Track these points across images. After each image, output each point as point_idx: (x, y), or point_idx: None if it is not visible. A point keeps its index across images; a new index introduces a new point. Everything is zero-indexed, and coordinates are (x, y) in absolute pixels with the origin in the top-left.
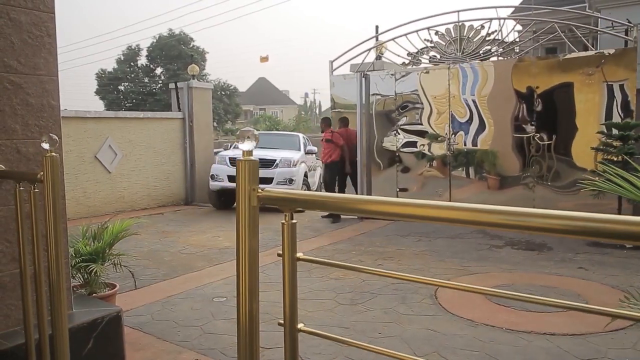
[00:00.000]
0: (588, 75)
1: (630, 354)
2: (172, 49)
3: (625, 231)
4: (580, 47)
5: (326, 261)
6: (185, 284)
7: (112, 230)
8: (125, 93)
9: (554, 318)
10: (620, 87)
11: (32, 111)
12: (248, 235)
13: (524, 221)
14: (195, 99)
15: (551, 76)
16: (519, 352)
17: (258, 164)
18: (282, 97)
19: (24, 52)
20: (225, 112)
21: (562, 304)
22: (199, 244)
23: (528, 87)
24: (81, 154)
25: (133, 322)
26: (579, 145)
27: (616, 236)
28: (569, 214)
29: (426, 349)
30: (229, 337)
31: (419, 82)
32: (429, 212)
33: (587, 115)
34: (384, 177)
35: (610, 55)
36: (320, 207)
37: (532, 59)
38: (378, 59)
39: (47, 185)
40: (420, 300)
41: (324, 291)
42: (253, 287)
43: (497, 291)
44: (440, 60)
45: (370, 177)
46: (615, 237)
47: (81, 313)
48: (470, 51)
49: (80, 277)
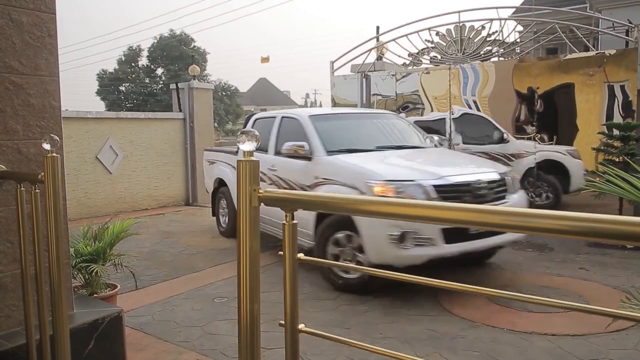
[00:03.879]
0: (589, 76)
1: (632, 355)
2: (173, 50)
3: (626, 232)
4: (581, 47)
5: (327, 262)
6: (186, 285)
7: (112, 230)
8: (126, 94)
9: (555, 319)
10: (621, 88)
11: (33, 112)
12: (249, 236)
13: (525, 222)
14: (196, 99)
15: (552, 77)
16: (520, 353)
17: (258, 164)
18: (283, 97)
19: (25, 52)
20: (226, 112)
21: (564, 305)
22: (200, 244)
23: (529, 87)
24: (82, 154)
25: (134, 323)
26: (579, 146)
27: (617, 237)
28: (570, 214)
29: (428, 350)
30: (230, 337)
31: (420, 82)
32: (429, 212)
33: (587, 116)
34: None
35: (611, 56)
36: (321, 208)
37: (533, 60)
38: (379, 59)
39: (48, 185)
40: (422, 301)
41: (324, 291)
42: (254, 288)
43: (498, 292)
44: (441, 60)
45: None
46: (616, 237)
47: (82, 313)
48: (471, 52)
49: (81, 277)
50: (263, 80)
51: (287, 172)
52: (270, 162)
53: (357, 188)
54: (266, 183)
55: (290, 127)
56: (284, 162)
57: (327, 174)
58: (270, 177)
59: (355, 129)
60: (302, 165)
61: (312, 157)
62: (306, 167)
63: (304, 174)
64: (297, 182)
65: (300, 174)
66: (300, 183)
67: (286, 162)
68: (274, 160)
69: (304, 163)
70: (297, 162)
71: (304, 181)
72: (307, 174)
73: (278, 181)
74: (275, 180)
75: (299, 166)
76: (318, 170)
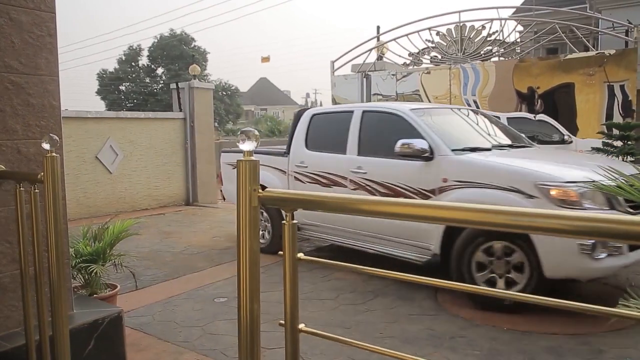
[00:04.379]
0: (589, 76)
1: (632, 354)
2: (173, 49)
3: (626, 231)
4: (581, 47)
5: (327, 261)
6: (187, 285)
7: (112, 230)
8: (126, 93)
9: (555, 318)
10: (621, 88)
11: (33, 111)
12: (249, 236)
13: (526, 221)
14: (197, 99)
15: (552, 76)
16: (521, 352)
17: (258, 164)
18: (283, 97)
19: (24, 52)
20: (226, 112)
21: (563, 304)
22: (200, 244)
23: (529, 87)
24: (82, 154)
25: (134, 323)
26: (579, 145)
27: (618, 236)
28: (571, 214)
29: (428, 349)
30: (230, 337)
31: (420, 82)
32: (429, 212)
33: (587, 116)
34: None
35: (611, 56)
36: (321, 208)
37: (533, 60)
38: (379, 59)
39: (48, 185)
40: (422, 300)
41: (325, 291)
42: (254, 288)
43: (497, 291)
44: (442, 60)
45: None
46: (616, 237)
47: (82, 314)
48: (472, 51)
49: (80, 277)
50: (263, 79)
51: (389, 175)
52: (354, 163)
53: (520, 191)
54: (347, 188)
55: (382, 123)
56: (382, 163)
57: (462, 175)
58: (356, 180)
59: (458, 125)
60: (417, 166)
61: (433, 157)
62: (425, 168)
63: (422, 176)
64: (410, 186)
65: (415, 177)
66: (415, 187)
67: (386, 163)
68: (360, 161)
69: (419, 164)
70: (407, 163)
71: (422, 185)
72: (428, 177)
73: (369, 185)
74: (365, 184)
75: (411, 168)
76: (446, 171)
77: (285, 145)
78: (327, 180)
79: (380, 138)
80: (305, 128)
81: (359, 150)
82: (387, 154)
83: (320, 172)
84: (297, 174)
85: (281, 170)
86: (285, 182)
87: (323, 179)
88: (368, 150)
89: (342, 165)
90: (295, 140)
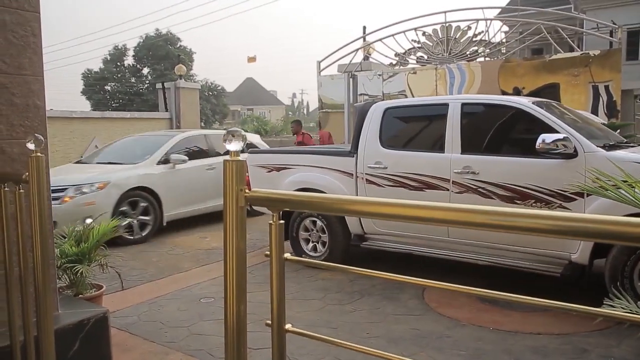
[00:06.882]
0: (574, 76)
1: (615, 353)
2: (159, 49)
3: (606, 231)
4: (566, 48)
5: (314, 261)
6: (173, 285)
7: (98, 230)
8: (111, 93)
9: (540, 317)
10: (606, 88)
11: (17, 111)
12: (236, 236)
13: (509, 221)
14: (183, 99)
15: (537, 77)
16: (506, 352)
17: (244, 164)
18: (269, 97)
19: (8, 52)
20: (212, 112)
21: (548, 304)
22: (186, 244)
23: (515, 87)
24: (67, 154)
25: (120, 323)
26: None
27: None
28: (560, 214)
29: (414, 349)
30: (217, 337)
31: (407, 82)
32: (417, 212)
33: None
34: None
35: (596, 57)
36: (308, 208)
37: (519, 60)
38: (366, 59)
39: (33, 186)
40: (408, 300)
41: (311, 291)
42: (241, 288)
43: (483, 291)
44: (428, 60)
45: None
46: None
47: (67, 314)
48: (457, 52)
49: (66, 278)
50: (250, 80)
51: (513, 176)
52: (459, 163)
53: None
54: (449, 192)
55: (493, 117)
56: (501, 162)
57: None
58: (463, 183)
59: (571, 119)
60: (553, 165)
61: (577, 154)
62: (566, 167)
63: (562, 176)
64: (546, 188)
65: (552, 177)
66: (553, 189)
67: (507, 162)
68: (467, 160)
69: (556, 162)
70: (537, 161)
71: (562, 186)
72: (570, 177)
73: (483, 187)
74: (477, 186)
75: (544, 167)
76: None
77: (349, 144)
78: (419, 183)
79: (495, 134)
80: (378, 124)
81: (463, 148)
82: (507, 152)
83: (406, 174)
84: (372, 176)
85: (346, 173)
86: (352, 187)
87: (412, 182)
88: (477, 148)
89: (442, 166)
90: (366, 138)
